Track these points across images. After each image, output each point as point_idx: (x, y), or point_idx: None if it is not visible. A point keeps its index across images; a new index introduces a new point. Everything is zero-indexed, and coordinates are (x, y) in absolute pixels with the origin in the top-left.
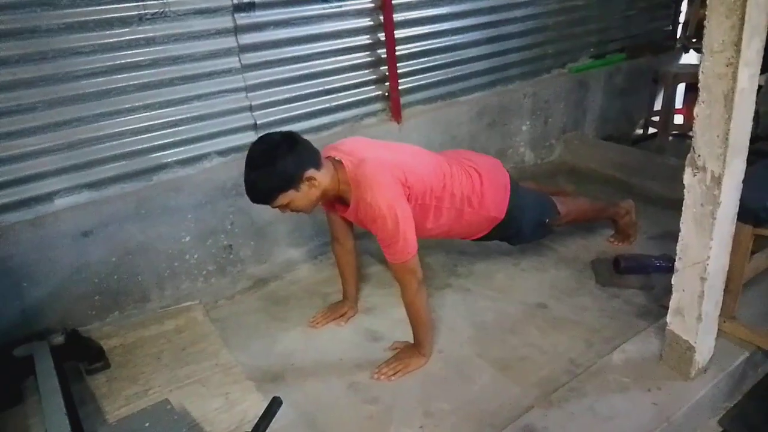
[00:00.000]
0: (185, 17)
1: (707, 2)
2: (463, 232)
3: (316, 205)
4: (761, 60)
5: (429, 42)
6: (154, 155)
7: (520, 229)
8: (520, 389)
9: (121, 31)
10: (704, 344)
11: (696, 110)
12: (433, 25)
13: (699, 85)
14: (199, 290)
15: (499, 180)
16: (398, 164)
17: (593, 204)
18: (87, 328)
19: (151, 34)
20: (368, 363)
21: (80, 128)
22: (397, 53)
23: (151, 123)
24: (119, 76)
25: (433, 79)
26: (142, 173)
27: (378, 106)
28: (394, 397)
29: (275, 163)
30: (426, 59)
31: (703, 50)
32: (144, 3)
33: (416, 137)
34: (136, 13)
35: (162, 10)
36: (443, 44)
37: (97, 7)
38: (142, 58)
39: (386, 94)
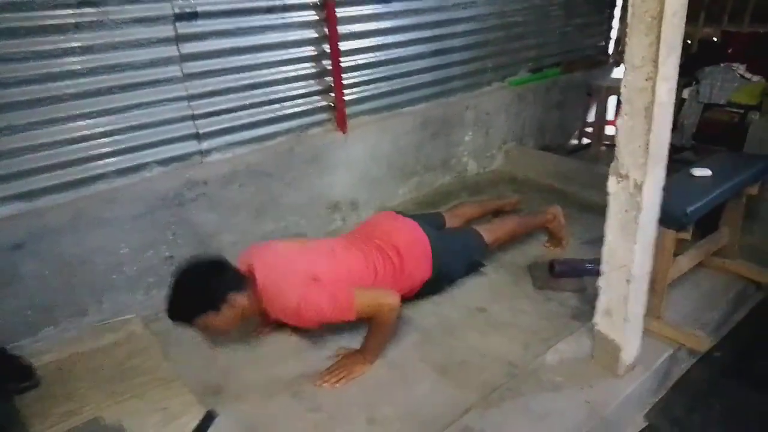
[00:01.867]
0: (125, 25)
1: (627, 21)
2: None
3: (236, 326)
4: (677, 75)
5: (373, 54)
6: (91, 165)
7: (452, 277)
8: (461, 392)
9: (56, 38)
10: (631, 343)
11: (619, 122)
12: (377, 38)
13: (621, 98)
14: (139, 303)
15: (418, 247)
16: (309, 267)
17: (520, 221)
18: (19, 345)
19: (88, 42)
20: (312, 371)
21: (12, 137)
22: (342, 65)
23: (88, 132)
24: (54, 84)
25: (377, 91)
26: (79, 183)
27: (323, 116)
28: (337, 404)
29: (197, 287)
30: (371, 71)
31: (625, 66)
32: (81, 11)
33: (361, 147)
34: (73, 21)
35: (100, 18)
36: (387, 57)
37: (29, 13)
38: (79, 67)
39: (331, 104)
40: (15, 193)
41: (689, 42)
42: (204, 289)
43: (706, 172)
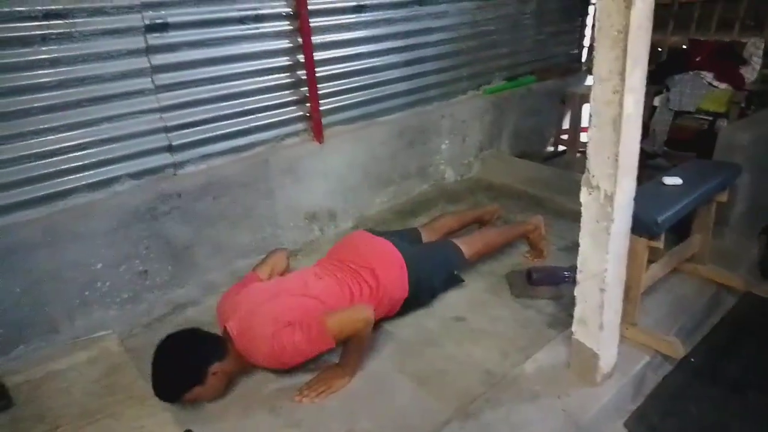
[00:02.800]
0: (93, 37)
1: (594, 35)
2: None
3: (225, 389)
4: (644, 86)
5: (348, 64)
6: (61, 179)
7: (433, 290)
8: (440, 402)
9: (22, 51)
10: (607, 351)
11: (588, 134)
12: (351, 48)
13: (590, 110)
14: (113, 319)
15: (394, 266)
16: (280, 314)
17: (501, 232)
18: None
19: (56, 55)
20: (290, 386)
21: None
22: (317, 74)
23: (58, 146)
24: (21, 97)
25: (353, 100)
26: (49, 199)
27: (299, 126)
28: (316, 419)
29: (179, 366)
30: (346, 81)
31: (593, 78)
32: (47, 22)
33: (339, 156)
34: (39, 32)
35: (68, 30)
36: (362, 66)
37: None
38: (47, 80)
39: (307, 114)
40: None
41: (659, 50)
42: (186, 369)
43: (676, 180)
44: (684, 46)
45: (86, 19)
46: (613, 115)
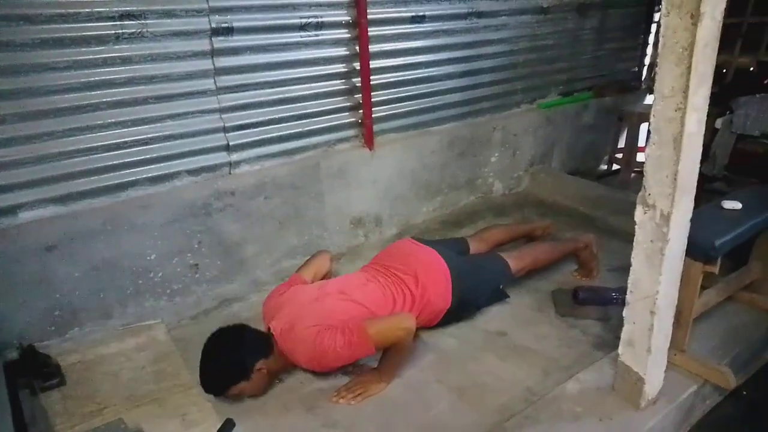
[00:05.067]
0: (163, 38)
1: (658, 50)
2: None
3: (267, 387)
4: (708, 105)
5: (403, 73)
6: (124, 172)
7: (477, 304)
8: (478, 416)
9: (97, 48)
10: (654, 376)
11: (647, 151)
12: (407, 57)
13: (650, 127)
14: (162, 309)
15: (438, 275)
16: (321, 318)
17: (551, 248)
18: (46, 344)
19: (127, 53)
20: (328, 386)
21: (50, 142)
22: (371, 82)
23: (123, 140)
24: (93, 92)
25: (406, 109)
26: (111, 189)
27: (351, 132)
28: (353, 421)
29: (227, 361)
30: (400, 89)
31: (655, 95)
32: (122, 23)
33: (388, 164)
34: (114, 32)
35: (140, 30)
36: (417, 76)
37: (73, 25)
38: (117, 76)
39: (360, 121)
40: (51, 196)
41: (724, 71)
42: (233, 364)
43: (736, 204)
44: (752, 68)
45: (157, 20)
46: (674, 133)
